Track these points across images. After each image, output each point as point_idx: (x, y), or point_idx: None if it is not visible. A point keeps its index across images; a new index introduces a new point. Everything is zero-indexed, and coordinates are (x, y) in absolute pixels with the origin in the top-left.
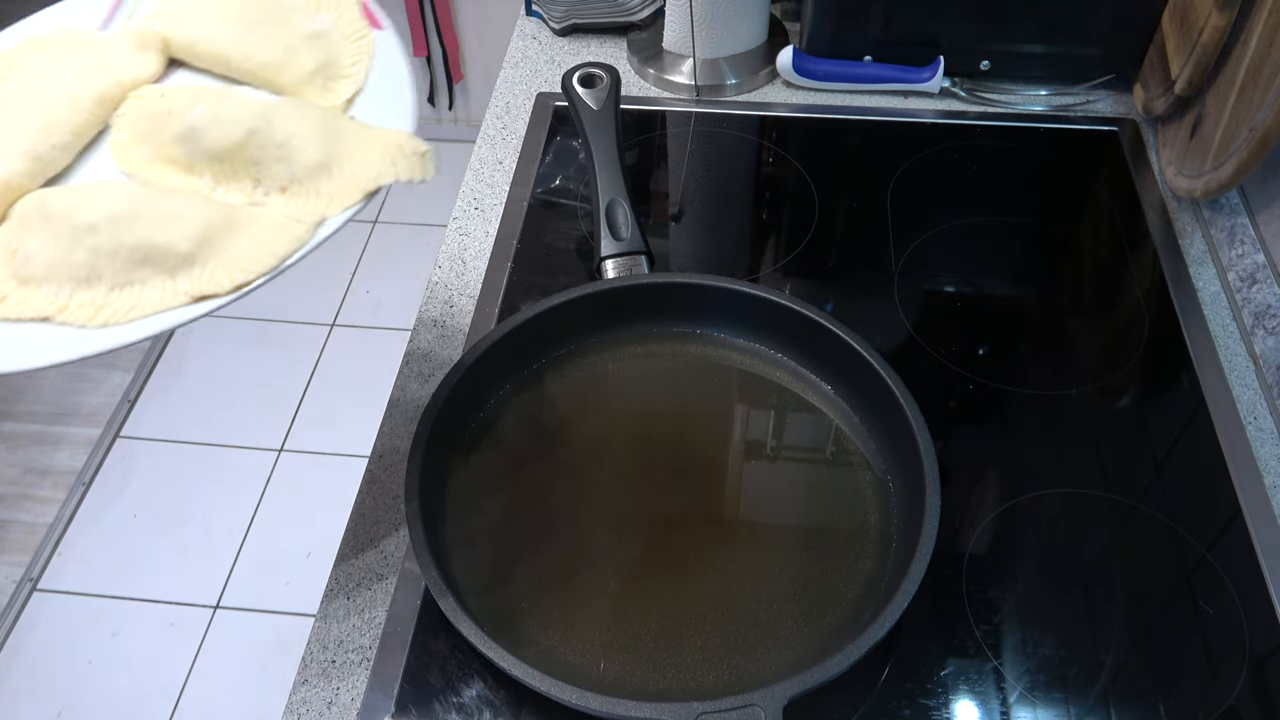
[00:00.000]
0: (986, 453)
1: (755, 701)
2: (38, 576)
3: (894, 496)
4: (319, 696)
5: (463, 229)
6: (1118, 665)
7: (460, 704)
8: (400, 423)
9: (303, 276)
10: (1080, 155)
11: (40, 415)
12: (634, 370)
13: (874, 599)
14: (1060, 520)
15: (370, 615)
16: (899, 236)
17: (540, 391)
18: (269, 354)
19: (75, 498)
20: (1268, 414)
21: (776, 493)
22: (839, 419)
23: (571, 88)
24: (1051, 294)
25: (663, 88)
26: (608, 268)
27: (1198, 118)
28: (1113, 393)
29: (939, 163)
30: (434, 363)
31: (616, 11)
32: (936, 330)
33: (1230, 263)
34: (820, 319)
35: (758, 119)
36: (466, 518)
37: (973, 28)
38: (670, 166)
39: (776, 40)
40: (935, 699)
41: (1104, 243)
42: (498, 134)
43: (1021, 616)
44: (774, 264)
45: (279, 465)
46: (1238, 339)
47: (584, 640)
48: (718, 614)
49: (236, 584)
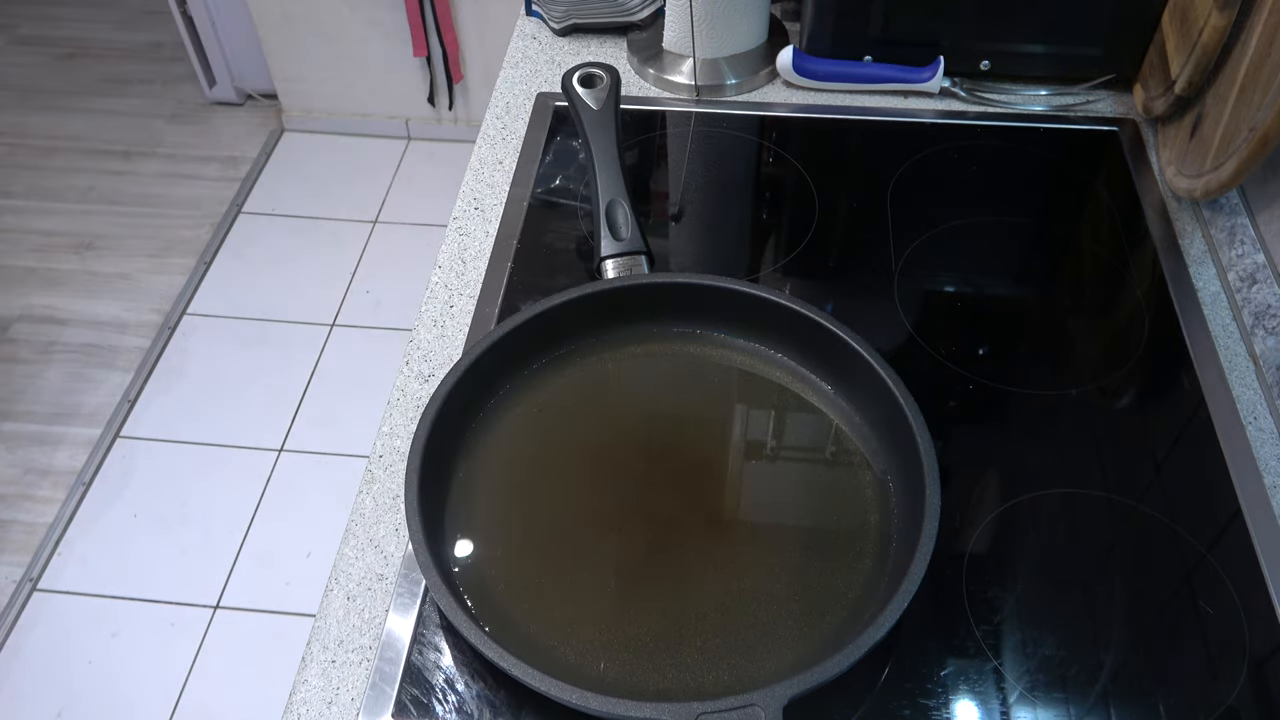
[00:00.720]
0: (986, 453)
1: (755, 701)
2: (38, 576)
3: (894, 496)
4: (319, 696)
5: (463, 229)
6: (1118, 665)
7: (460, 704)
8: (400, 423)
9: (303, 276)
10: (1080, 155)
11: (40, 415)
12: (634, 370)
13: (874, 599)
14: (1060, 520)
15: (370, 615)
16: (899, 236)
17: (540, 391)
18: (269, 354)
19: (75, 498)
20: (1268, 414)
21: (776, 493)
22: (839, 419)
23: (571, 88)
24: (1051, 294)
25: (663, 88)
26: (608, 268)
27: (1198, 118)
28: (1113, 393)
29: (939, 163)
30: (434, 363)
31: (616, 11)
32: (936, 330)
33: (1230, 263)
34: (820, 319)
35: (758, 119)
36: (466, 518)
37: (973, 28)
38: (670, 166)
39: (776, 40)
40: (935, 699)
41: (1104, 243)
42: (498, 134)
43: (1021, 616)
44: (774, 264)
45: (279, 465)
46: (1238, 339)
47: (584, 640)
48: (718, 614)
49: (236, 584)
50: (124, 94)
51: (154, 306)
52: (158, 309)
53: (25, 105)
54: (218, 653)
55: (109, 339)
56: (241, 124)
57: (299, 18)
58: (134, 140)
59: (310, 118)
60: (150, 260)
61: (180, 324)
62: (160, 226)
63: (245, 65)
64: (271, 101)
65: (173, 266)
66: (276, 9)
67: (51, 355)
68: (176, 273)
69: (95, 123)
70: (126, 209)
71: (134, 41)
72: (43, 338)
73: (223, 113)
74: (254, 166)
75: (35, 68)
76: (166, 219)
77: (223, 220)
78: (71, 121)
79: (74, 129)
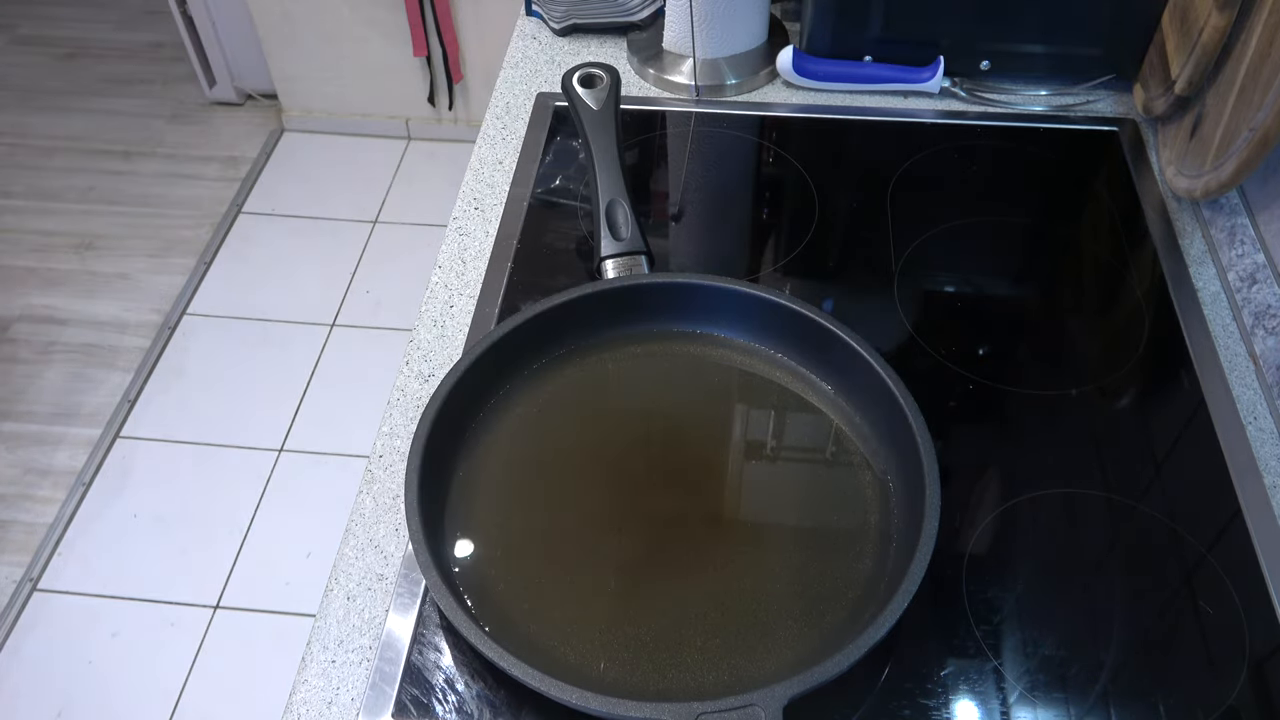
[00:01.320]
0: (986, 453)
1: (755, 701)
2: (38, 576)
3: (894, 496)
4: (319, 697)
5: (463, 229)
6: (1118, 665)
7: (460, 704)
8: (400, 423)
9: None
10: (1080, 155)
11: (40, 415)
12: (634, 370)
13: (874, 599)
14: (1060, 520)
15: (370, 615)
16: (899, 236)
17: (540, 391)
18: (269, 354)
19: (75, 498)
20: (1268, 414)
21: (776, 493)
22: (839, 419)
23: (571, 88)
24: (1051, 294)
25: (663, 88)
26: (608, 268)
27: (1198, 118)
28: (1113, 393)
29: (939, 163)
30: (434, 363)
31: (616, 11)
32: (936, 330)
33: (1230, 263)
34: (820, 319)
35: (758, 119)
36: (466, 518)
37: (973, 28)
38: (670, 166)
39: (776, 40)
40: (935, 699)
41: (1104, 243)
42: (498, 134)
43: (1021, 616)
44: (774, 264)
45: (279, 465)
46: (1238, 339)
47: (584, 640)
48: (718, 614)
49: (236, 584)
50: (124, 94)
51: (154, 306)
52: (158, 309)
53: (25, 105)
54: (218, 653)
55: (109, 339)
56: (241, 124)
57: (299, 18)
58: (134, 140)
59: (310, 118)
60: (150, 260)
61: (180, 324)
62: (160, 226)
63: (245, 65)
64: (271, 101)
65: (173, 266)
66: (276, 9)
67: (51, 355)
68: (176, 273)
69: (95, 123)
70: (126, 209)
71: (134, 41)
72: (43, 338)
73: (223, 113)
74: (254, 166)
75: (35, 68)
76: (166, 219)
77: (223, 220)
78: (71, 121)
79: (74, 129)
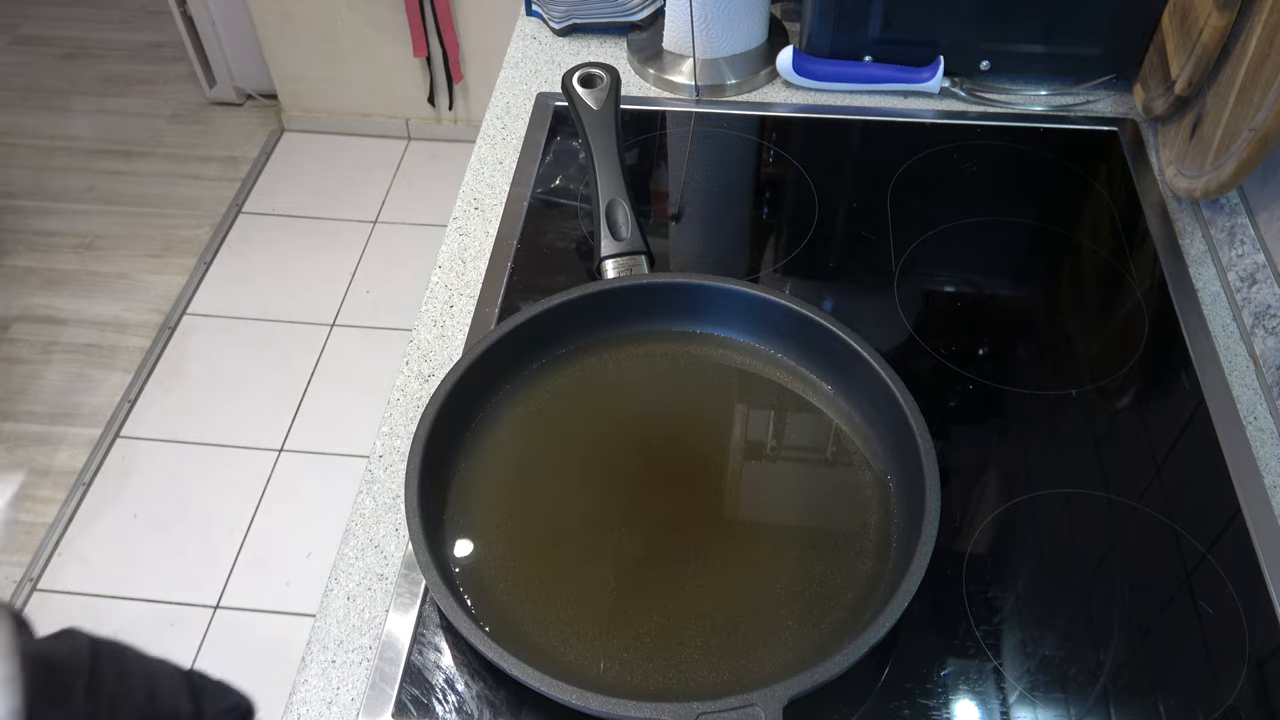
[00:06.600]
0: (986, 453)
1: (755, 701)
2: (38, 576)
3: (894, 496)
4: (319, 696)
5: (463, 229)
6: (1118, 665)
7: (460, 704)
8: (400, 423)
9: (303, 276)
10: (1080, 155)
11: (40, 415)
12: (634, 370)
13: (874, 599)
14: (1060, 520)
15: (370, 615)
16: (899, 236)
17: (540, 391)
18: (269, 354)
19: (75, 498)
20: (1268, 414)
21: (776, 493)
22: (839, 419)
23: (571, 88)
24: (1051, 294)
25: (663, 88)
26: (608, 268)
27: (1198, 118)
28: (1113, 393)
29: (939, 163)
30: (434, 363)
31: (616, 11)
32: (936, 330)
33: (1230, 263)
34: (820, 319)
35: (758, 119)
36: (466, 518)
37: (972, 28)
38: (670, 166)
39: (776, 40)
40: (935, 699)
41: (1104, 243)
42: (498, 134)
43: (1021, 616)
44: (774, 264)
45: (279, 465)
46: (1238, 339)
47: (584, 640)
48: (718, 614)
49: (236, 584)
50: (124, 94)
51: (154, 306)
52: (158, 309)
53: (25, 105)
54: (218, 653)
55: (109, 339)
56: (241, 124)
57: (299, 18)
58: (134, 140)
59: (310, 118)
60: (150, 260)
61: (180, 324)
62: (160, 226)
63: (245, 65)
64: (271, 101)
65: (173, 266)
66: (276, 9)
67: (51, 355)
68: (176, 273)
69: (95, 123)
70: (126, 209)
71: (134, 41)
72: (43, 338)
73: (223, 113)
74: (254, 166)
75: (35, 68)
76: (166, 219)
77: (223, 220)
78: (71, 121)
79: (74, 129)
